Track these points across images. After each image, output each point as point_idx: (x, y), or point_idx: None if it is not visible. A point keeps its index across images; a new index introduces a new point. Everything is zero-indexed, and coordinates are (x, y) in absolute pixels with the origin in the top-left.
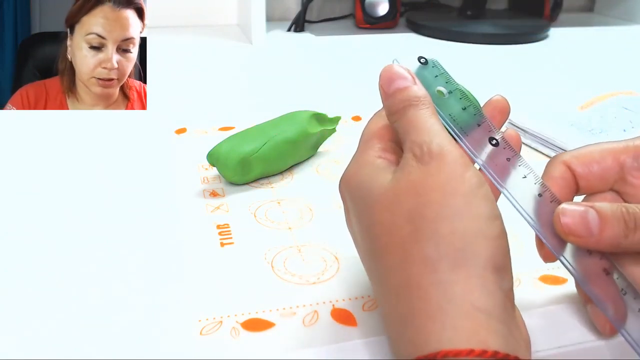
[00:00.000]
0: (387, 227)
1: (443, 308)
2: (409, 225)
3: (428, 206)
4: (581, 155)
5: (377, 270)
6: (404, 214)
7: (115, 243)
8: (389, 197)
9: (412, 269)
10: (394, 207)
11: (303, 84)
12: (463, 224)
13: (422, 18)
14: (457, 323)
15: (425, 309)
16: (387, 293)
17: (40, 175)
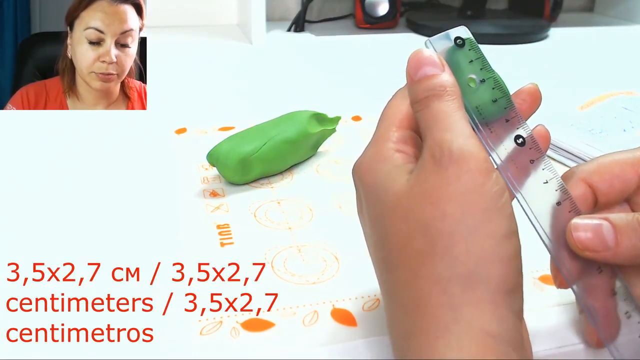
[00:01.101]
0: (402, 239)
1: (450, 329)
2: (423, 238)
3: (444, 220)
4: (602, 172)
5: (387, 282)
6: (419, 225)
7: (116, 243)
8: (404, 205)
9: (421, 286)
10: (410, 217)
11: (303, 84)
12: (479, 245)
13: (422, 18)
14: (464, 345)
15: (431, 329)
16: (395, 307)
17: (40, 175)
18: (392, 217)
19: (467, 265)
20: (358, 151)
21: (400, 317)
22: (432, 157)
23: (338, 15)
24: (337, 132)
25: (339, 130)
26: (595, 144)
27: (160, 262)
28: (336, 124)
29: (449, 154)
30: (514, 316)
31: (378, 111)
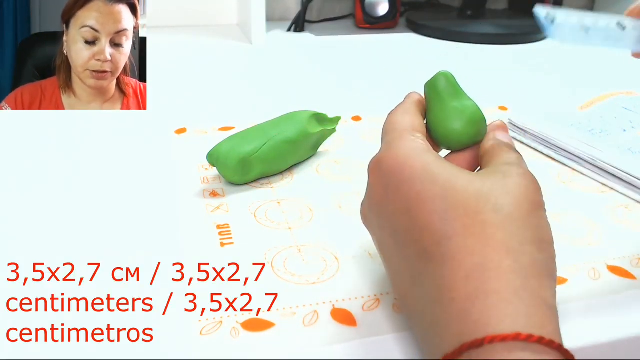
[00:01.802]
0: (468, 212)
1: (520, 295)
2: (495, 214)
3: (521, 206)
4: None
5: (438, 251)
6: (490, 205)
7: (115, 243)
8: (473, 197)
9: (492, 254)
10: (480, 202)
11: (303, 84)
12: (547, 239)
13: (422, 18)
14: (531, 312)
15: (502, 291)
16: (451, 275)
17: (40, 175)
18: (455, 206)
19: (534, 254)
20: (358, 151)
21: (462, 282)
22: (503, 172)
23: (338, 15)
24: (337, 132)
25: (339, 130)
26: (595, 144)
27: (160, 262)
28: (336, 124)
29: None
30: (555, 303)
31: (378, 111)
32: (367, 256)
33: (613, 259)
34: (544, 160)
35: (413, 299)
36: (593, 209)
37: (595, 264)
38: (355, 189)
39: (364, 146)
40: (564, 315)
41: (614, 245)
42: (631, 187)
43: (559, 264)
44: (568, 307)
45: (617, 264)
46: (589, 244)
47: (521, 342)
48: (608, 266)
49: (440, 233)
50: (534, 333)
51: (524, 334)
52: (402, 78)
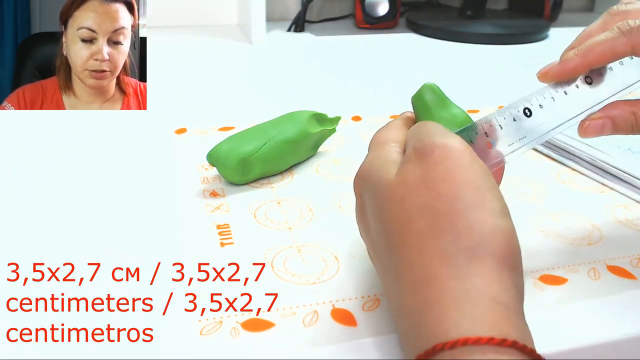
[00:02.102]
0: (402, 222)
1: (461, 299)
2: (424, 220)
3: (440, 199)
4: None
5: (393, 264)
6: (417, 209)
7: (116, 243)
8: (398, 193)
9: (430, 262)
10: (406, 203)
11: (303, 84)
12: (479, 218)
13: (422, 18)
14: (477, 313)
15: (444, 299)
16: (403, 286)
17: (40, 175)
18: (389, 205)
19: (471, 238)
20: (358, 151)
21: (411, 294)
22: (414, 149)
23: (338, 15)
24: (337, 132)
25: (339, 130)
26: (595, 144)
27: (160, 262)
28: (336, 124)
29: (431, 144)
30: (518, 292)
31: (378, 111)
32: (367, 256)
33: (613, 259)
34: (544, 160)
35: (390, 304)
36: (593, 209)
37: (595, 264)
38: None
39: (364, 146)
40: (564, 315)
41: (614, 245)
42: (631, 187)
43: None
44: (568, 307)
45: (617, 264)
46: (589, 244)
47: (470, 346)
48: (608, 266)
49: (389, 245)
50: (482, 335)
51: (473, 338)
52: (402, 78)
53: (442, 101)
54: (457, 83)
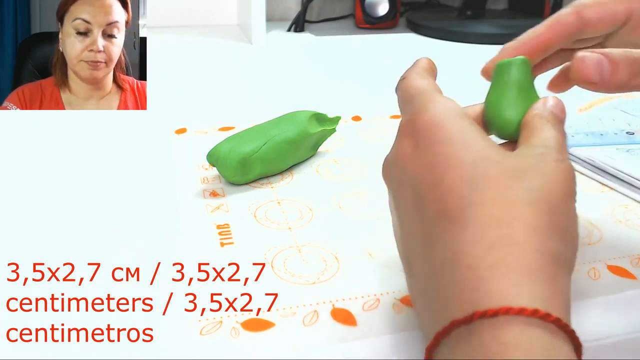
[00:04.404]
0: (501, 184)
1: (539, 277)
2: (527, 193)
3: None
4: (595, 5)
5: (461, 215)
6: (523, 186)
7: (116, 243)
8: (515, 174)
9: (519, 229)
10: (513, 182)
11: (303, 84)
12: (573, 231)
13: (422, 18)
14: (548, 295)
15: (522, 268)
16: (476, 242)
17: (40, 175)
18: (487, 166)
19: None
20: (358, 151)
21: (484, 251)
22: (540, 155)
23: (338, 15)
24: (337, 132)
25: (339, 130)
26: (595, 144)
27: (160, 262)
28: (336, 124)
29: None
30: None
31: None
32: (367, 256)
33: (613, 259)
34: None
35: (422, 261)
36: (593, 209)
37: (595, 264)
38: (356, 189)
39: (364, 146)
40: None
41: (614, 245)
42: (631, 187)
43: None
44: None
45: (617, 264)
46: (589, 244)
47: (538, 318)
48: (608, 266)
49: (467, 199)
50: (526, 305)
51: (542, 312)
52: None
53: (528, 82)
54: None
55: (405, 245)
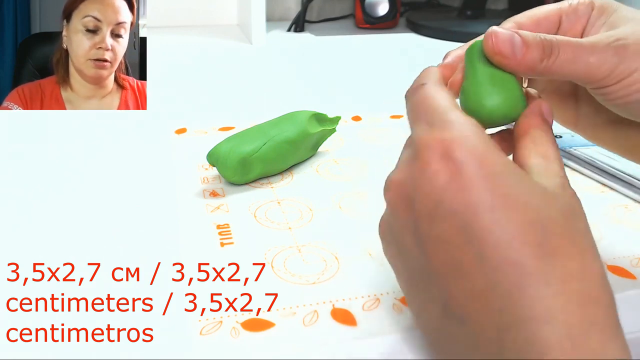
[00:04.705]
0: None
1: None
2: (583, 239)
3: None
4: (531, 15)
5: (539, 277)
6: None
7: (116, 243)
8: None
9: (589, 308)
10: (572, 227)
11: (303, 84)
12: None
13: (422, 18)
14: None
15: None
16: (568, 301)
17: (40, 175)
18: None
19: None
20: (358, 151)
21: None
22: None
23: (338, 15)
24: (337, 132)
25: (339, 130)
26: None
27: (160, 262)
28: (336, 124)
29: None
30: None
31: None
32: (367, 256)
33: (613, 259)
34: None
35: (479, 312)
36: (593, 209)
37: None
38: (355, 189)
39: (364, 146)
40: None
41: (614, 245)
42: (631, 187)
43: None
44: None
45: (617, 264)
46: None
47: None
48: (608, 266)
49: (540, 248)
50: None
51: None
52: (402, 78)
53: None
54: None
55: (437, 289)
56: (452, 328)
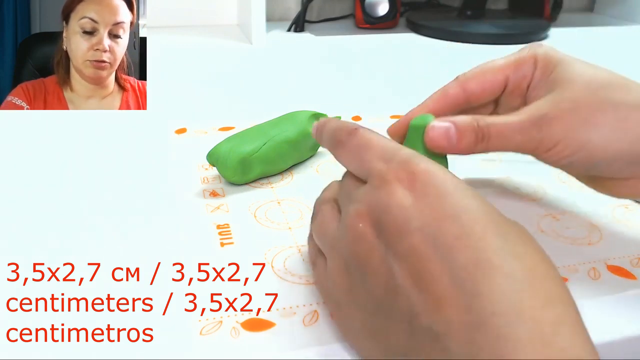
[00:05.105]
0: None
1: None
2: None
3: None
4: (477, 77)
5: (507, 275)
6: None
7: (116, 243)
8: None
9: (559, 286)
10: (527, 237)
11: (303, 84)
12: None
13: (422, 18)
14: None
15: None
16: (535, 298)
17: (40, 175)
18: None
19: None
20: None
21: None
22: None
23: (338, 15)
24: None
25: None
26: None
27: (160, 262)
28: None
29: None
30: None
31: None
32: None
33: (613, 259)
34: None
35: (458, 313)
36: (593, 209)
37: (595, 264)
38: None
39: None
40: None
41: (614, 245)
42: None
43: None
44: None
45: (617, 264)
46: (589, 244)
47: None
48: (608, 266)
49: (503, 250)
50: None
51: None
52: (402, 78)
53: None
54: None
55: (403, 304)
56: (421, 343)
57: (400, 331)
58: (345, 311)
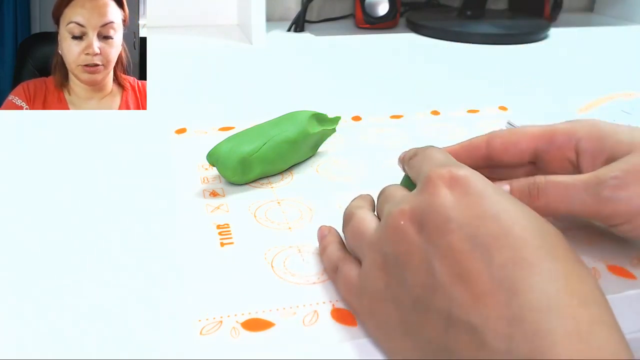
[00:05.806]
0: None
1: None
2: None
3: None
4: (503, 137)
5: (546, 272)
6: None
7: (115, 243)
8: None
9: (593, 286)
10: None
11: (303, 84)
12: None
13: (422, 18)
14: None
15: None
16: (573, 296)
17: (40, 175)
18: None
19: None
20: (358, 151)
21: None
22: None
23: (338, 15)
24: (337, 132)
25: (339, 130)
26: None
27: (159, 262)
28: (336, 124)
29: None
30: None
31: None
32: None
33: (613, 259)
34: None
35: (499, 311)
36: None
37: (595, 264)
38: (356, 189)
39: (364, 146)
40: None
41: (614, 245)
42: None
43: None
44: None
45: (617, 264)
46: (589, 244)
47: None
48: (608, 266)
49: (542, 249)
50: None
51: None
52: (402, 78)
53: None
54: (457, 83)
55: (441, 301)
56: (456, 337)
57: (436, 326)
58: (380, 309)
